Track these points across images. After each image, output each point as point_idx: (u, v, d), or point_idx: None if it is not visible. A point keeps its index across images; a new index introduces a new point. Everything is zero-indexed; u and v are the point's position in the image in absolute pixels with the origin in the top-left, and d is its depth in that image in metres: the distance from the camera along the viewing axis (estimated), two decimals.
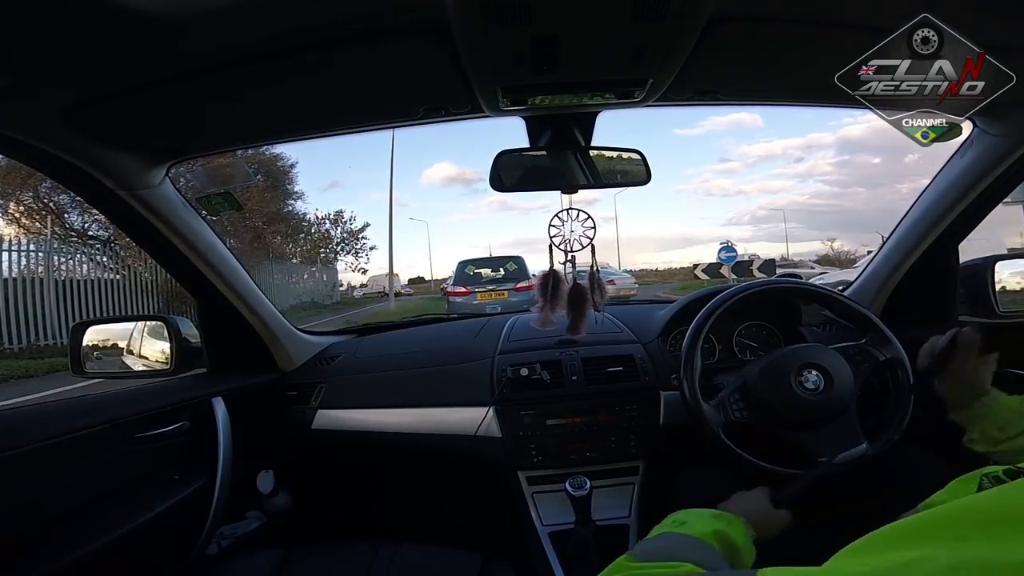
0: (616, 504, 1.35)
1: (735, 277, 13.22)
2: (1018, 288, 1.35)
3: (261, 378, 1.49)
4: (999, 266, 1.31)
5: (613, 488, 1.37)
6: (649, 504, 1.35)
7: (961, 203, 1.20)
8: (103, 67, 0.75)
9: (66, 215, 13.26)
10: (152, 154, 1.04)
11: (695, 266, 17.39)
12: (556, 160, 1.16)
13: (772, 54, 0.89)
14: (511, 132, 1.13)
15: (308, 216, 22.06)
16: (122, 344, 1.42)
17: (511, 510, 1.40)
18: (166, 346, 1.34)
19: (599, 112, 1.07)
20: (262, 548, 1.17)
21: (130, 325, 1.45)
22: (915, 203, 1.30)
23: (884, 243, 1.42)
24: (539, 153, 1.16)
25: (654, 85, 0.91)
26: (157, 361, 1.36)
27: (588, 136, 1.13)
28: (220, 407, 1.26)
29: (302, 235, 22.08)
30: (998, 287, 1.30)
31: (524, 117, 1.08)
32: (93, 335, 1.38)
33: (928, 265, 1.34)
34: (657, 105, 1.00)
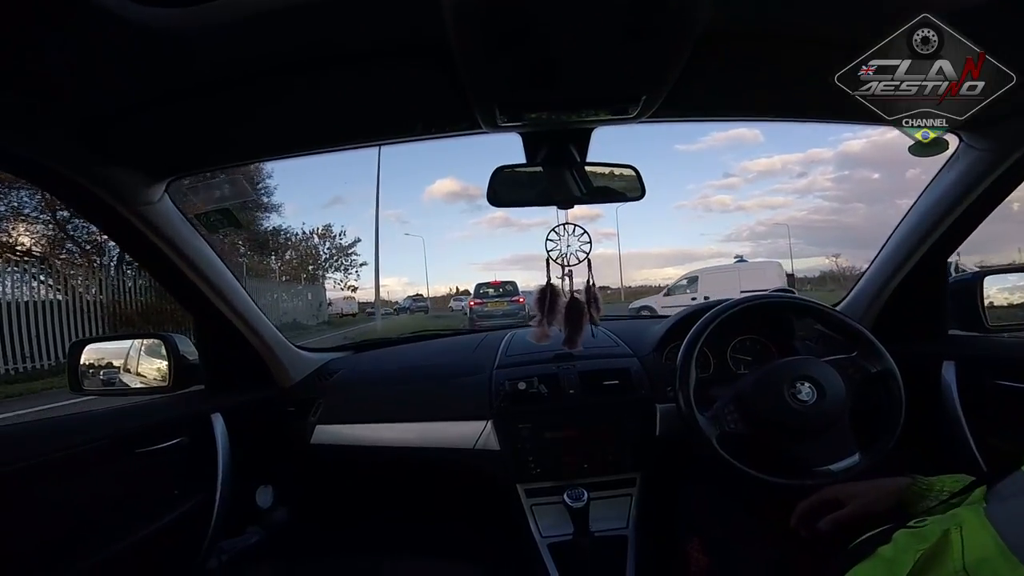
0: (614, 515, 1.35)
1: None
2: (1005, 303, 1.37)
3: (259, 394, 1.48)
4: (987, 281, 1.32)
5: (611, 500, 1.36)
6: (647, 516, 1.35)
7: (948, 217, 1.21)
8: (115, 84, 0.76)
9: None
10: (152, 171, 1.05)
11: None
12: (552, 176, 1.17)
13: (764, 71, 0.90)
14: (515, 148, 1.15)
15: (289, 230, 21.89)
16: (119, 362, 1.42)
17: (510, 523, 1.39)
18: (163, 363, 1.34)
19: (594, 128, 1.09)
20: (262, 563, 1.16)
21: (128, 343, 1.45)
22: (904, 218, 1.32)
23: (875, 258, 1.44)
24: (535, 169, 1.17)
25: (647, 102, 0.92)
26: (155, 378, 1.36)
27: (584, 152, 1.15)
28: (219, 423, 1.26)
29: (289, 251, 21.78)
30: (986, 302, 1.31)
31: (521, 133, 1.09)
32: (91, 353, 1.38)
33: (917, 280, 1.36)
34: (651, 121, 1.02)
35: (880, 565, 0.64)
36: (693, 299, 12.92)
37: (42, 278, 10.21)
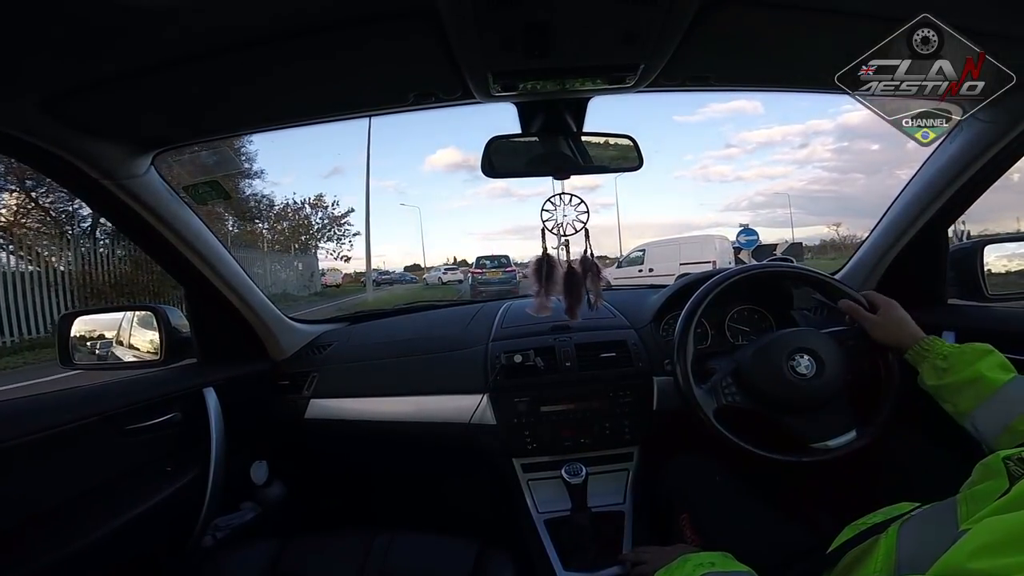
0: (611, 490, 1.36)
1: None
2: (1005, 271, 1.36)
3: (252, 368, 1.47)
4: (988, 249, 1.30)
5: (608, 475, 1.37)
6: (644, 490, 1.35)
7: (950, 188, 1.18)
8: (82, 56, 0.72)
9: None
10: (137, 143, 1.02)
11: None
12: (548, 146, 1.15)
13: (767, 41, 0.87)
14: (514, 117, 1.12)
15: (281, 200, 21.93)
16: (111, 334, 1.40)
17: (506, 498, 1.40)
18: (155, 336, 1.32)
19: (591, 98, 1.06)
20: (257, 539, 1.17)
21: (119, 315, 1.43)
22: (905, 188, 1.29)
23: (875, 227, 1.42)
24: (531, 139, 1.14)
25: (646, 70, 0.89)
26: (147, 351, 1.35)
27: (580, 122, 1.12)
28: (211, 397, 1.25)
29: (281, 221, 21.61)
30: (986, 270, 1.30)
31: (516, 103, 1.06)
32: (81, 325, 1.36)
33: (918, 249, 1.34)
34: (649, 91, 0.98)
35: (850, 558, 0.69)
36: (640, 271, 13.76)
37: (11, 248, 9.76)
